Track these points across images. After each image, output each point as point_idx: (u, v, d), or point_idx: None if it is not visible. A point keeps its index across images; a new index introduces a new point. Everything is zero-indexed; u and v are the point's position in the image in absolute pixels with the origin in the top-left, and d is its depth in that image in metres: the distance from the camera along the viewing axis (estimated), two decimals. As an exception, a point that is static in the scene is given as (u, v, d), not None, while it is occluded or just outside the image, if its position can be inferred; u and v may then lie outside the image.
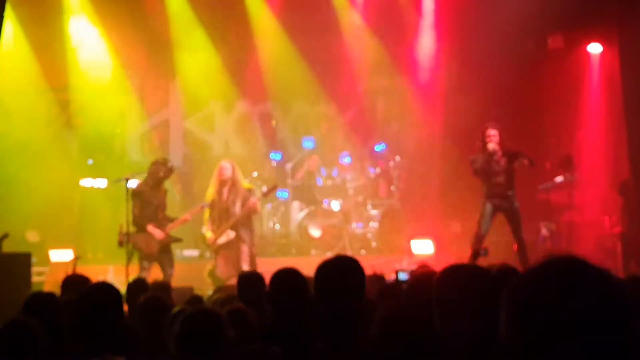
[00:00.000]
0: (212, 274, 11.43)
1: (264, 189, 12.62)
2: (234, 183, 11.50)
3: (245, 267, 11.12)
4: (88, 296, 4.02)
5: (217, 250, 11.52)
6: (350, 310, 3.23)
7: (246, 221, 11.58)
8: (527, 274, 1.70)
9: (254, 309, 4.66)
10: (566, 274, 1.65)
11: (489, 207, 11.32)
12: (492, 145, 11.19)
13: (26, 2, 13.53)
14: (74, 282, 6.28)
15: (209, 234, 11.55)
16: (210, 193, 11.66)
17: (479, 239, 11.23)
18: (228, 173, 11.51)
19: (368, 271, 4.13)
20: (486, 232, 11.32)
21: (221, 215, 11.47)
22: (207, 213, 11.67)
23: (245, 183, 11.88)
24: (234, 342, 3.62)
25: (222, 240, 11.46)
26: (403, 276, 5.22)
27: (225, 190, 11.49)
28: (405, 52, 15.62)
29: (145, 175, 11.16)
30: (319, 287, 3.31)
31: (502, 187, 11.27)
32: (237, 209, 11.41)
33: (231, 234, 11.42)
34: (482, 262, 10.45)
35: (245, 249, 11.44)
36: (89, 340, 3.86)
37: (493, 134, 11.25)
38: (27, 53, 13.75)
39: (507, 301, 1.69)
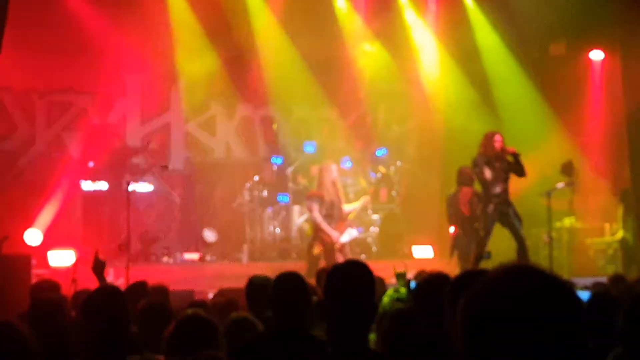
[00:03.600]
0: None
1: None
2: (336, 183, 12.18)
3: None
4: (95, 299, 4.02)
5: (341, 249, 11.92)
6: (361, 315, 3.24)
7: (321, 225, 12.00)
8: (480, 285, 1.67)
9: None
10: (520, 283, 1.62)
11: (491, 211, 11.33)
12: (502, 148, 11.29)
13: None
14: (43, 289, 6.28)
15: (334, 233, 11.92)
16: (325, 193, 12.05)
17: (481, 243, 11.25)
18: (335, 174, 12.17)
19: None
20: (488, 236, 11.33)
21: (339, 215, 12.04)
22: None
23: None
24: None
25: (346, 238, 12.01)
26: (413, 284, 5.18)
27: (335, 191, 12.06)
28: (407, 56, 15.63)
29: None
30: (329, 291, 3.32)
31: (504, 192, 11.31)
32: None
33: (353, 232, 12.19)
34: (485, 265, 10.44)
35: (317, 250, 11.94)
36: (96, 343, 3.86)
37: (500, 139, 11.32)
38: (30, 54, 13.70)
39: (460, 312, 1.66)
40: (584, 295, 4.55)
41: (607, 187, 14.23)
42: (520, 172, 11.34)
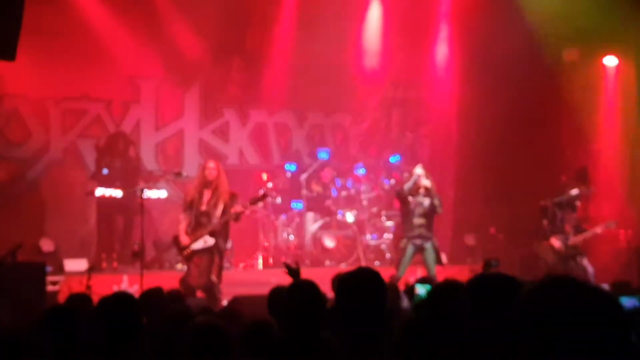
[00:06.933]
0: (184, 282, 10.32)
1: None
2: (217, 186, 10.49)
3: (214, 279, 10.36)
4: (108, 305, 4.04)
5: (190, 256, 10.47)
6: (372, 321, 3.24)
7: (224, 229, 10.54)
8: (530, 291, 1.76)
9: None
10: (567, 291, 1.71)
11: (410, 248, 11.21)
12: (426, 182, 11.14)
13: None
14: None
15: (183, 237, 10.50)
16: (190, 192, 10.68)
17: (396, 280, 10.37)
18: (214, 174, 10.52)
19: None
20: (403, 273, 11.04)
21: (199, 218, 10.43)
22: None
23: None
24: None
25: (198, 246, 10.39)
26: (423, 290, 5.14)
27: (207, 192, 10.49)
28: (421, 63, 15.63)
29: None
30: (340, 299, 3.33)
31: (424, 228, 11.19)
32: (218, 214, 10.40)
33: (210, 241, 10.34)
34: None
35: (217, 259, 10.47)
36: (109, 347, 3.88)
37: (421, 173, 11.23)
38: (45, 61, 13.76)
39: (513, 316, 1.75)
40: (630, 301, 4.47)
41: (621, 193, 14.16)
42: (436, 208, 11.20)
